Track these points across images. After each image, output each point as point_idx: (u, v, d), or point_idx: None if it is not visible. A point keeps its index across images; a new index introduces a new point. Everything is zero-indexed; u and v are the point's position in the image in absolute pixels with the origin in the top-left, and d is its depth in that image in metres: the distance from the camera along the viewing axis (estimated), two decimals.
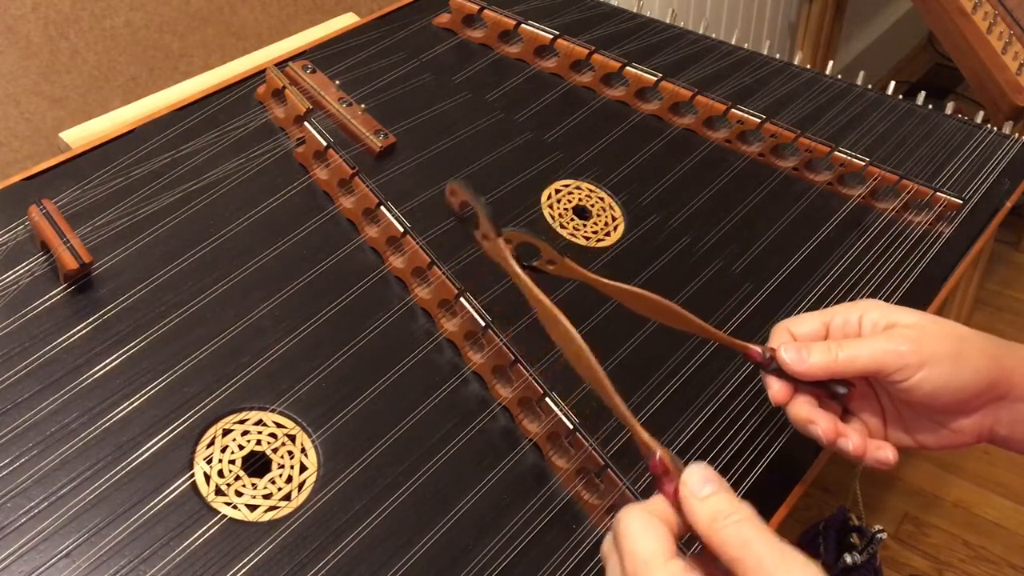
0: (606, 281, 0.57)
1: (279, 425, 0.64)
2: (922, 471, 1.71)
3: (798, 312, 0.77)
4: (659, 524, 0.46)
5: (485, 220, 0.54)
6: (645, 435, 0.49)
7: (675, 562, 0.44)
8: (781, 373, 0.58)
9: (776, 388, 0.58)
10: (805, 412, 0.58)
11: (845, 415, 0.60)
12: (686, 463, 0.47)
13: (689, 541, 0.50)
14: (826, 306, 0.77)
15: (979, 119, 0.99)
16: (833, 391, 0.58)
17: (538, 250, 0.57)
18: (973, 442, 0.59)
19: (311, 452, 0.63)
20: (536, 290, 0.54)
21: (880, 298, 0.68)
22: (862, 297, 0.77)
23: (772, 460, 0.67)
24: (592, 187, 0.86)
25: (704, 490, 0.46)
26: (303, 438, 0.64)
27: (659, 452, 0.47)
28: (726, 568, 0.44)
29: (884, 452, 0.58)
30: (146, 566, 0.56)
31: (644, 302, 0.58)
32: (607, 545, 0.48)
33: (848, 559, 1.18)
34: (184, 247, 0.73)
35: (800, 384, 0.58)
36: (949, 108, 0.99)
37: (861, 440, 0.58)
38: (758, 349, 0.58)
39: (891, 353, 0.55)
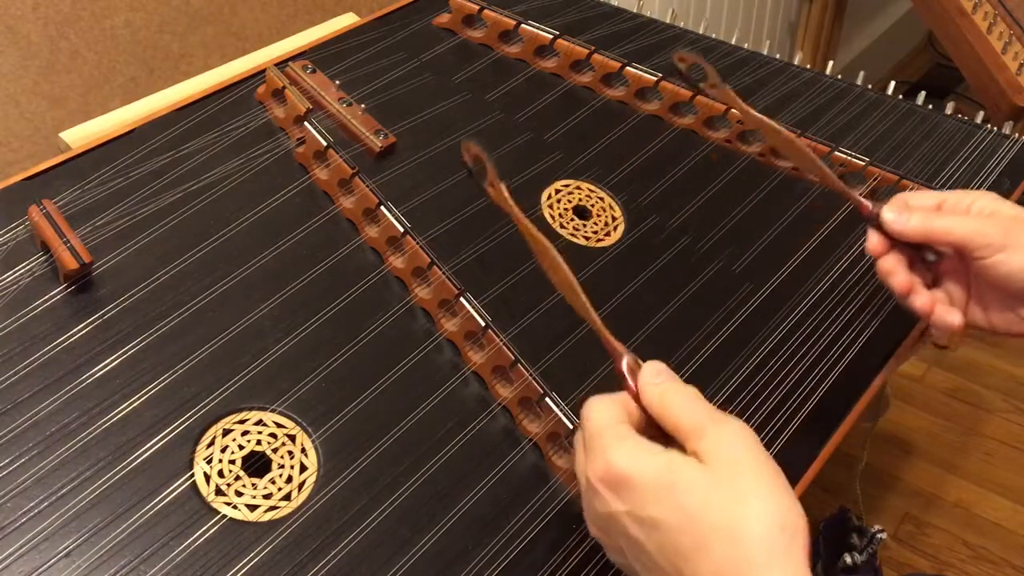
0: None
1: (279, 425, 0.64)
2: (922, 471, 1.71)
3: (798, 312, 0.77)
4: (617, 404, 0.52)
5: (492, 170, 0.62)
6: (613, 341, 0.55)
7: (625, 426, 0.51)
8: (883, 229, 0.64)
9: (874, 240, 0.65)
10: (890, 265, 0.65)
11: (935, 284, 0.66)
12: None
13: None
14: (826, 306, 0.78)
15: (979, 119, 0.99)
16: (923, 256, 0.65)
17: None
18: None
19: (311, 452, 0.63)
20: (533, 228, 0.60)
21: (881, 298, 0.71)
22: (863, 295, 0.78)
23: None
24: (592, 187, 0.86)
25: (657, 378, 0.52)
26: (303, 438, 0.64)
27: (625, 355, 0.54)
28: (677, 445, 0.50)
29: (951, 315, 0.64)
30: (146, 566, 0.56)
31: (775, 136, 0.70)
32: (576, 437, 0.54)
33: (848, 559, 1.18)
34: (184, 247, 0.73)
35: (896, 243, 0.64)
36: (949, 108, 0.99)
37: (930, 300, 0.64)
38: (869, 204, 0.65)
39: (979, 232, 0.62)
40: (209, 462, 0.61)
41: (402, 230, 0.75)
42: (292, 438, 0.64)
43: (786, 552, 0.46)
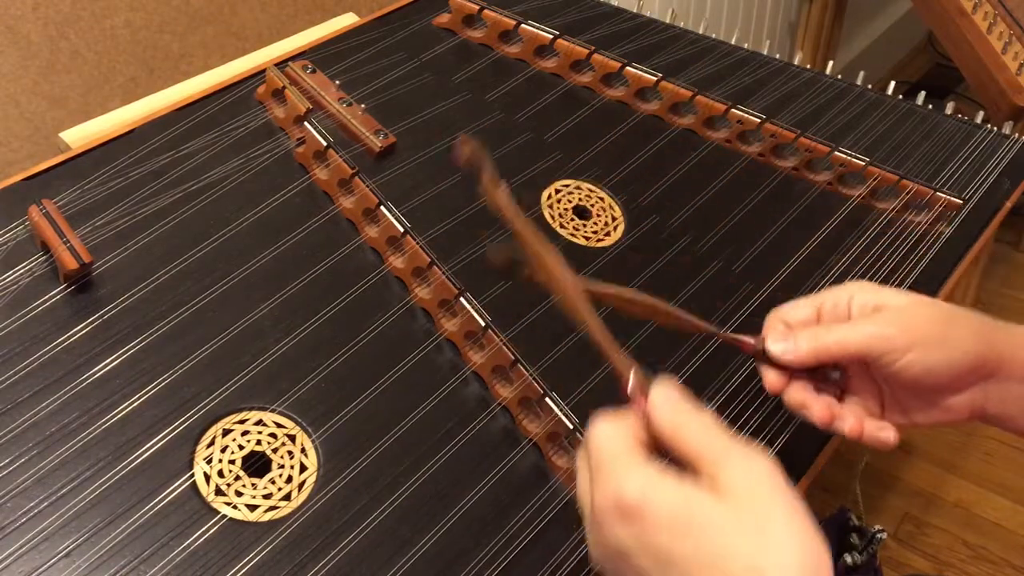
0: (581, 287, 0.58)
1: (279, 425, 0.64)
2: (922, 471, 1.71)
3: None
4: (625, 426, 0.49)
5: (489, 173, 0.58)
6: (620, 356, 0.52)
7: (637, 451, 0.47)
8: (775, 362, 0.59)
9: (771, 378, 0.59)
10: (800, 397, 0.59)
11: (844, 396, 0.61)
12: None
13: None
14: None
15: (979, 119, 0.99)
16: (827, 375, 0.59)
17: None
18: (967, 419, 0.60)
19: (311, 452, 0.63)
20: (532, 233, 0.57)
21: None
22: None
23: (770, 455, 0.67)
24: (592, 187, 0.86)
25: (668, 400, 0.49)
26: (303, 438, 0.64)
27: (633, 372, 0.51)
28: (689, 470, 0.47)
29: (885, 433, 0.59)
30: (146, 566, 0.56)
31: (631, 305, 0.60)
32: (579, 457, 0.50)
33: (848, 559, 1.18)
34: (184, 247, 0.73)
35: (795, 371, 0.59)
36: (949, 108, 0.99)
37: (857, 421, 0.59)
38: (751, 341, 0.60)
39: (878, 337, 0.56)
40: (209, 462, 0.61)
41: (402, 230, 0.75)
42: (292, 438, 0.64)
43: None
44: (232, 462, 0.62)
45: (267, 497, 0.60)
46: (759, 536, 0.44)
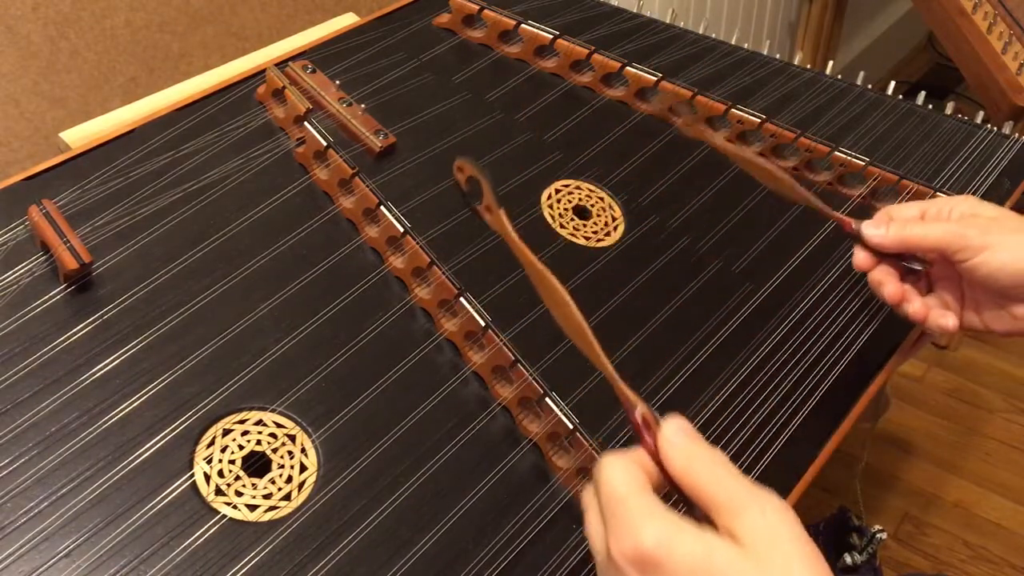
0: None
1: (279, 425, 0.64)
2: (922, 471, 1.71)
3: (798, 312, 0.77)
4: (636, 467, 0.48)
5: (489, 193, 0.58)
6: (628, 391, 0.52)
7: (651, 495, 0.47)
8: (866, 244, 0.67)
9: (860, 256, 0.67)
10: (880, 276, 0.67)
11: (929, 289, 0.68)
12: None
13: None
14: (826, 306, 0.78)
15: (979, 119, 0.99)
16: (910, 265, 0.66)
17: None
18: None
19: (311, 452, 0.63)
20: (531, 256, 0.57)
21: (880, 300, 0.71)
22: (863, 295, 0.78)
23: (772, 460, 0.67)
24: (592, 187, 0.86)
25: (679, 438, 0.48)
26: (303, 438, 0.64)
27: (640, 407, 0.50)
28: (701, 513, 0.47)
29: (945, 319, 0.65)
30: (146, 566, 0.56)
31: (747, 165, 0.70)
32: (586, 495, 0.50)
33: (848, 559, 1.18)
34: (184, 247, 0.73)
35: (882, 256, 0.66)
36: (949, 108, 0.99)
37: (923, 306, 0.65)
38: (851, 221, 0.67)
39: (956, 235, 0.62)
40: (209, 462, 0.61)
41: (402, 230, 0.75)
42: (292, 438, 0.64)
43: None
44: (232, 462, 0.62)
45: (267, 497, 0.60)
46: None
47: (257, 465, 0.62)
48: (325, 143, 0.81)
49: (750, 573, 0.44)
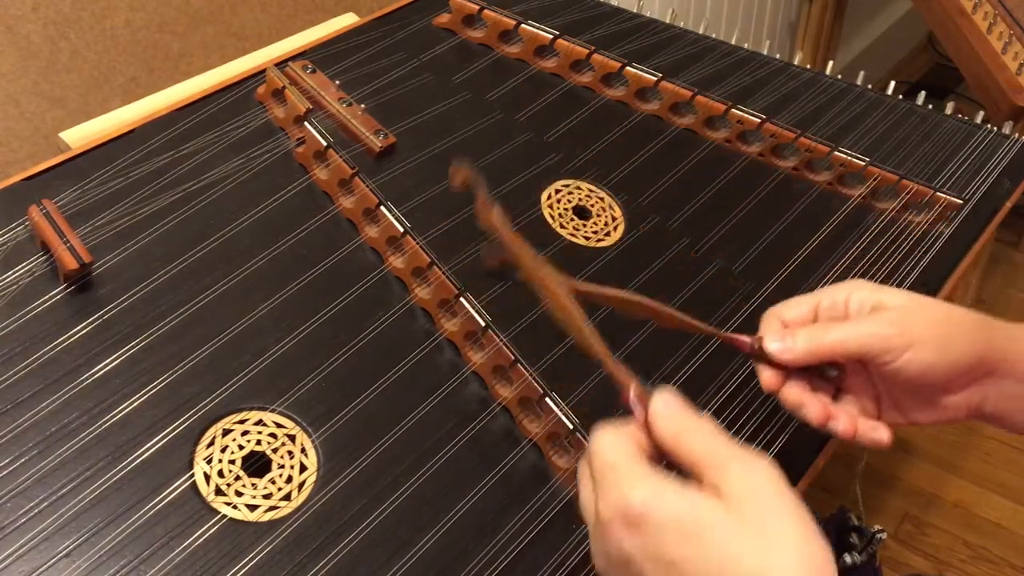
0: (574, 286, 0.59)
1: (279, 425, 0.64)
2: (922, 471, 1.71)
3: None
4: (628, 437, 0.49)
5: (482, 195, 0.59)
6: (620, 370, 0.52)
7: (640, 460, 0.48)
8: (772, 360, 0.59)
9: (767, 376, 0.59)
10: (795, 396, 0.59)
11: (840, 395, 0.61)
12: None
13: None
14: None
15: (979, 119, 0.99)
16: (824, 374, 0.59)
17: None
18: (964, 418, 0.60)
19: (311, 452, 0.63)
20: (526, 252, 0.58)
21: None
22: None
23: (772, 460, 0.67)
24: (592, 187, 0.86)
25: (669, 409, 0.49)
26: (303, 438, 0.64)
27: (633, 384, 0.51)
28: (692, 480, 0.47)
29: (879, 433, 0.59)
30: (146, 566, 0.56)
31: (629, 305, 0.60)
32: (581, 467, 0.51)
33: (848, 559, 1.18)
34: (184, 247, 0.73)
35: (791, 370, 0.59)
36: (949, 108, 0.99)
37: (851, 422, 0.58)
38: (747, 339, 0.59)
39: (876, 336, 0.56)
40: (209, 462, 0.61)
41: (402, 230, 0.75)
42: (292, 438, 0.64)
43: None
44: (232, 462, 0.61)
45: (267, 497, 0.60)
46: (762, 540, 0.44)
47: (257, 465, 0.62)
48: (325, 143, 0.81)
49: (734, 526, 0.45)
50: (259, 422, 0.64)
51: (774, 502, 0.45)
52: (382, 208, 0.76)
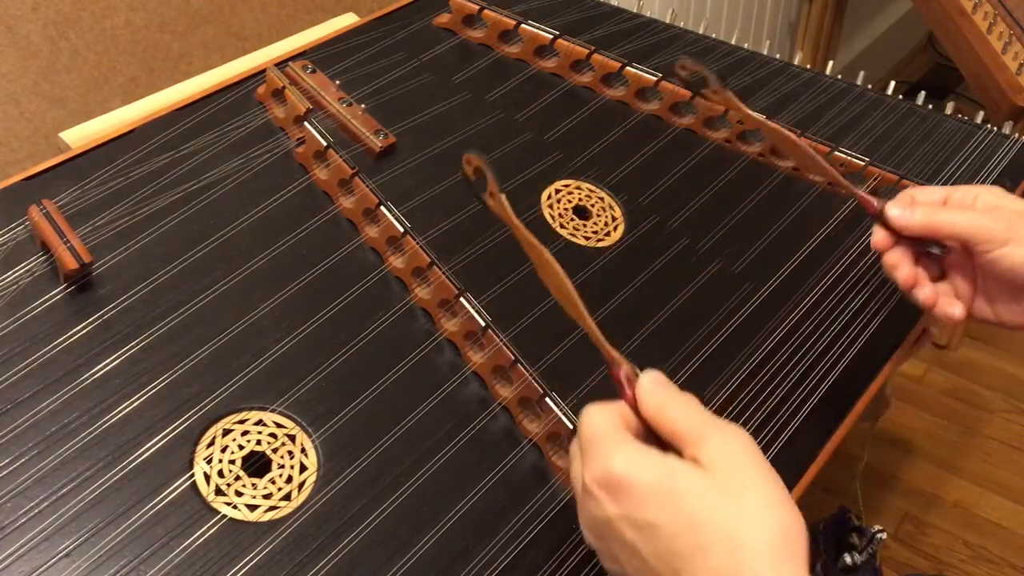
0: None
1: (279, 425, 0.64)
2: (922, 471, 1.71)
3: (798, 312, 0.77)
4: (615, 412, 0.52)
5: (492, 180, 0.61)
6: (611, 350, 0.55)
7: (623, 432, 0.51)
8: (888, 225, 0.65)
9: (880, 236, 0.66)
10: (895, 259, 0.66)
11: (941, 278, 0.67)
12: None
13: None
14: (826, 306, 0.78)
15: (979, 119, 0.99)
16: (928, 250, 0.65)
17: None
18: None
19: (311, 452, 0.63)
20: (532, 238, 0.59)
21: (881, 298, 0.72)
22: (863, 295, 0.78)
23: (772, 460, 0.67)
24: (592, 187, 0.86)
25: (654, 387, 0.52)
26: (303, 438, 0.64)
27: (624, 365, 0.54)
28: (674, 449, 0.50)
29: (953, 307, 0.65)
30: (146, 566, 0.56)
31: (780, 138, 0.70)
32: (572, 446, 0.53)
33: (848, 559, 1.18)
34: (184, 247, 0.73)
35: (901, 238, 0.65)
36: (949, 108, 0.99)
37: (933, 293, 0.65)
38: (875, 201, 0.66)
39: (983, 227, 0.62)
40: (209, 462, 0.61)
41: (402, 230, 0.75)
42: (292, 438, 0.64)
43: (787, 556, 0.46)
44: (232, 462, 0.62)
45: (267, 497, 0.60)
46: (736, 505, 0.47)
47: (257, 465, 0.62)
48: (325, 143, 0.81)
49: (709, 492, 0.47)
50: (259, 422, 0.64)
51: (749, 470, 0.48)
52: (382, 208, 0.76)
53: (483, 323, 0.69)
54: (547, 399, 0.65)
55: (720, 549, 0.46)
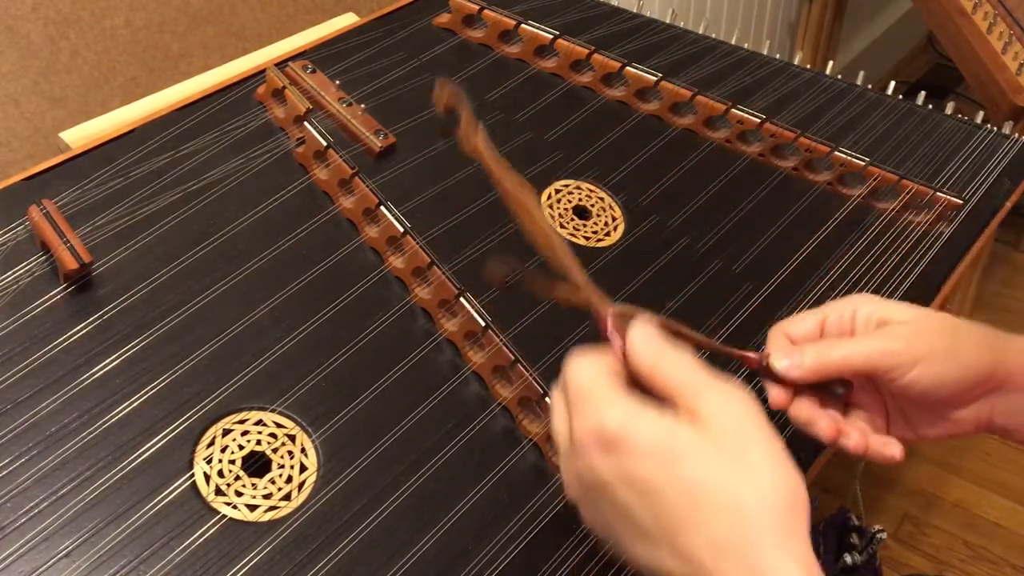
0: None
1: (279, 425, 0.64)
2: (922, 471, 1.71)
3: (797, 312, 0.77)
4: (605, 363, 0.49)
5: (468, 117, 0.56)
6: (598, 297, 0.52)
7: (615, 383, 0.48)
8: (779, 378, 0.57)
9: (775, 393, 0.58)
10: (805, 413, 0.57)
11: (848, 410, 0.60)
12: None
13: None
14: None
15: (979, 119, 0.99)
16: (831, 391, 0.58)
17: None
18: (973, 431, 0.59)
19: (311, 452, 0.63)
20: (510, 177, 0.57)
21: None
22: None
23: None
24: (592, 187, 0.86)
25: (647, 338, 0.49)
26: (303, 438, 0.64)
27: (611, 313, 0.51)
28: (668, 405, 0.47)
29: (890, 449, 0.57)
30: (146, 566, 0.56)
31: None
32: (554, 394, 0.51)
33: (848, 559, 1.18)
34: (184, 247, 0.73)
35: (799, 386, 0.58)
36: (949, 108, 0.99)
37: (862, 437, 0.57)
38: (754, 356, 0.58)
39: (884, 352, 0.55)
40: (209, 462, 0.61)
41: (402, 230, 0.75)
42: (292, 438, 0.64)
43: (789, 526, 0.44)
44: (232, 462, 0.62)
45: (267, 497, 0.60)
46: (737, 466, 0.45)
47: (257, 465, 0.62)
48: (325, 143, 0.81)
49: (709, 452, 0.45)
50: (259, 422, 0.64)
51: (750, 430, 0.46)
52: (382, 208, 0.76)
53: (483, 323, 0.69)
54: (547, 399, 0.65)
55: (719, 515, 0.44)
